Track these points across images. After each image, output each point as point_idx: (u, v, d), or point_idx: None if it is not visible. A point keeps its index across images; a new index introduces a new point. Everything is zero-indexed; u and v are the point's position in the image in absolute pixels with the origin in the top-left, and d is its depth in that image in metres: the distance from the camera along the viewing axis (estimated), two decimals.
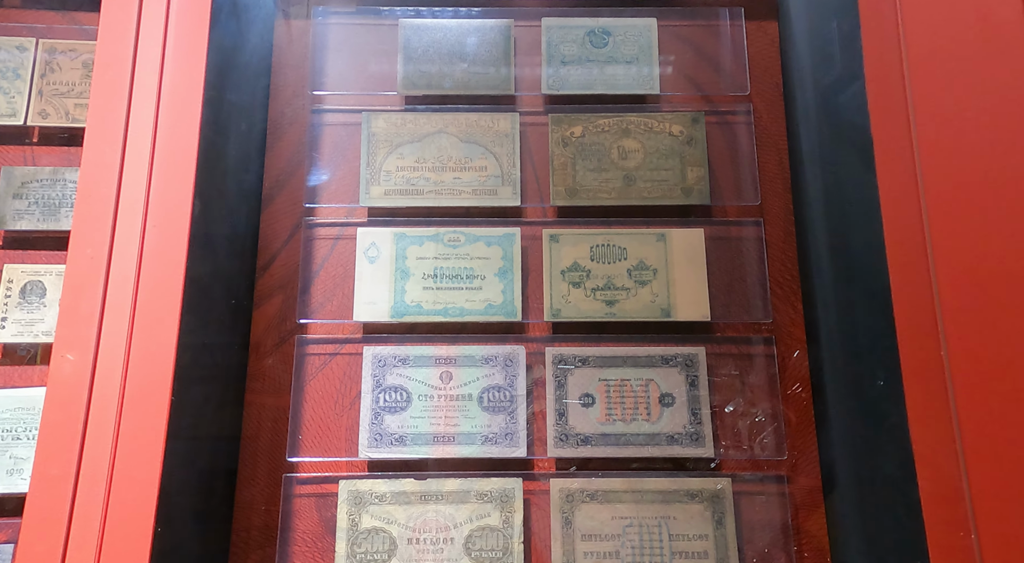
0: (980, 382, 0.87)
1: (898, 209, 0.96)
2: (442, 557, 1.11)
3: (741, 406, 1.19)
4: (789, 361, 1.21)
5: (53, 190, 1.20)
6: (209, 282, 1.02)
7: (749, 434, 1.18)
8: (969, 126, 0.92)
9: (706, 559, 1.11)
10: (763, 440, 1.17)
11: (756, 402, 1.19)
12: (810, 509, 1.15)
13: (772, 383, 1.20)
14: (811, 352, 1.21)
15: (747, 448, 1.17)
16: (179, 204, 0.94)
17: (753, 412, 1.19)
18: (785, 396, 1.19)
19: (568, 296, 1.23)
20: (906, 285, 0.94)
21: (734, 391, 1.20)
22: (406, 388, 1.19)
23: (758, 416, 1.19)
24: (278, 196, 1.28)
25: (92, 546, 0.87)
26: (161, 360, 0.89)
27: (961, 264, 0.90)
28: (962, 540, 0.85)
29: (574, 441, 1.16)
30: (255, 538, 1.13)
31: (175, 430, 0.92)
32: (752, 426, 1.18)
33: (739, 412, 1.19)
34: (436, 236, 1.26)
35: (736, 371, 1.21)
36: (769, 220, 1.27)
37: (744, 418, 1.19)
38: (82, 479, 0.89)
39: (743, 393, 1.20)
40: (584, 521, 1.13)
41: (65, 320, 0.89)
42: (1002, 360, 0.87)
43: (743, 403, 1.19)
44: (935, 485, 0.87)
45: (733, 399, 1.19)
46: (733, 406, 1.19)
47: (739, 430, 1.18)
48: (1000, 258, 0.89)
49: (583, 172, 1.29)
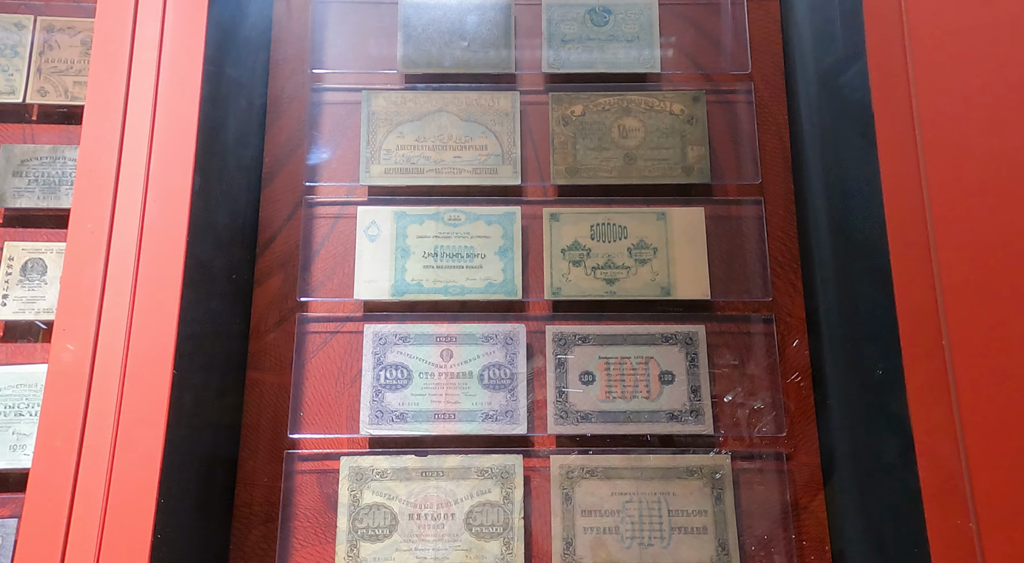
0: (979, 357, 0.87)
1: (900, 188, 0.96)
2: (443, 532, 1.12)
3: (740, 384, 1.20)
4: (788, 340, 1.22)
5: (53, 168, 1.20)
6: (210, 257, 1.02)
7: (748, 411, 1.18)
8: (972, 105, 0.92)
9: (705, 534, 1.12)
10: (762, 417, 1.18)
11: (755, 380, 1.20)
12: (808, 485, 1.16)
13: (771, 361, 1.20)
14: (810, 331, 1.22)
15: (746, 425, 1.18)
16: (179, 179, 0.94)
17: (752, 390, 1.19)
18: (784, 374, 1.20)
19: (568, 274, 1.23)
20: (907, 264, 0.94)
21: (734, 369, 1.20)
22: (407, 366, 1.19)
23: (757, 393, 1.19)
24: (278, 175, 1.28)
25: (95, 520, 0.88)
26: (163, 334, 0.89)
27: (962, 242, 0.90)
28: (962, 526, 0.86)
29: (574, 418, 1.17)
30: (257, 514, 1.14)
31: (177, 405, 0.92)
32: (751, 403, 1.19)
33: (738, 390, 1.19)
34: (436, 215, 1.26)
35: (736, 349, 1.21)
36: (769, 199, 1.27)
37: (743, 395, 1.19)
38: (85, 453, 0.89)
39: (742, 371, 1.20)
40: (584, 497, 1.14)
41: (67, 294, 0.89)
42: (1002, 334, 0.88)
43: (742, 381, 1.20)
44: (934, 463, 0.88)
45: (732, 377, 1.20)
46: (732, 384, 1.20)
47: (738, 408, 1.19)
48: (1002, 237, 0.89)
49: (583, 151, 1.28)
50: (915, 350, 0.91)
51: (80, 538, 0.87)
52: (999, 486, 0.85)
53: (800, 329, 1.22)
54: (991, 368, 0.88)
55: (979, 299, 0.88)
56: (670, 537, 1.12)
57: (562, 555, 1.11)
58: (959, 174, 0.92)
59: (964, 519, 0.85)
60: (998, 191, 0.90)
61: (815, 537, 1.14)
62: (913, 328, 0.92)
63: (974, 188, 0.91)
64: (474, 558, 1.11)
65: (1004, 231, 0.89)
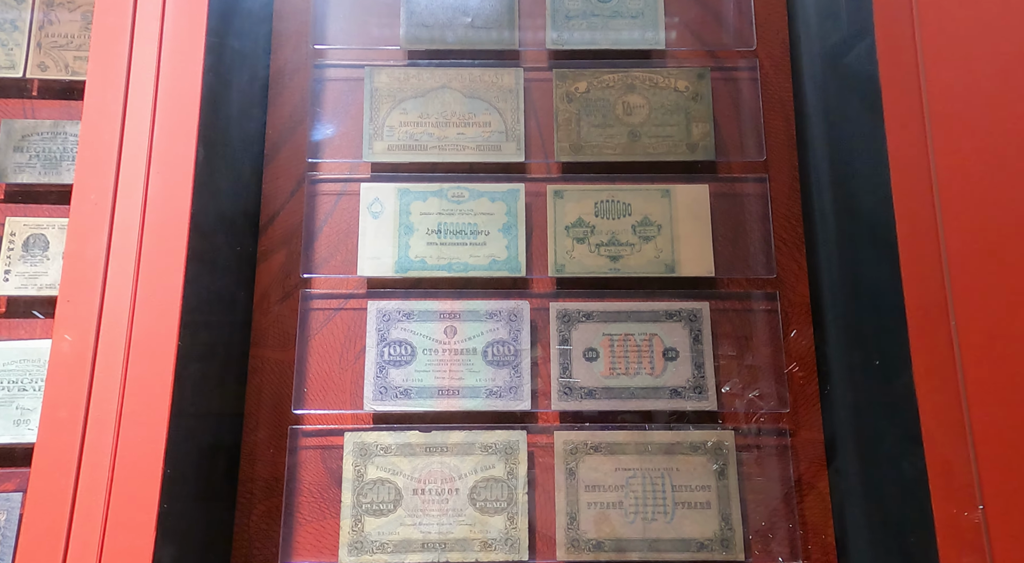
0: (986, 333, 0.87)
1: (907, 166, 0.95)
2: (447, 507, 1.12)
3: (744, 361, 1.20)
4: (792, 318, 1.22)
5: (54, 143, 1.19)
6: (213, 230, 1.02)
7: (751, 388, 1.19)
8: (982, 81, 0.92)
9: (708, 509, 1.12)
10: (766, 394, 1.18)
11: (759, 356, 1.20)
12: (812, 461, 1.16)
13: (775, 338, 1.20)
14: (814, 308, 1.22)
15: (750, 402, 1.18)
16: (182, 151, 0.93)
17: (755, 366, 1.19)
18: (788, 351, 1.20)
19: (572, 252, 1.23)
20: (913, 240, 0.94)
21: (737, 346, 1.20)
22: (410, 342, 1.19)
23: (760, 370, 1.19)
24: (281, 151, 1.27)
25: (101, 493, 0.88)
26: (167, 306, 0.89)
27: (970, 219, 0.90)
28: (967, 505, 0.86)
29: (578, 394, 1.17)
30: (261, 489, 1.14)
31: (182, 379, 0.92)
32: (755, 380, 1.19)
33: (742, 367, 1.20)
34: (440, 192, 1.25)
35: (739, 326, 1.21)
36: (774, 176, 1.27)
37: (746, 372, 1.19)
38: (90, 426, 0.89)
39: (746, 348, 1.20)
40: (588, 473, 1.14)
41: (70, 267, 0.89)
42: (1010, 311, 0.88)
43: (746, 358, 1.20)
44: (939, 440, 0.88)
45: (736, 354, 1.20)
46: (736, 361, 1.20)
47: (742, 384, 1.19)
48: (1010, 215, 0.88)
49: (587, 128, 1.28)
50: (921, 328, 0.91)
51: (86, 511, 0.87)
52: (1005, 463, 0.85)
53: (803, 308, 1.22)
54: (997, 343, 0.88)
55: (986, 276, 0.88)
56: (673, 512, 1.12)
57: (566, 530, 1.11)
58: (967, 150, 0.92)
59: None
60: (1007, 169, 0.90)
61: (818, 512, 1.14)
62: (919, 306, 0.92)
63: (982, 164, 0.91)
64: (478, 533, 1.11)
65: (1013, 209, 0.89)
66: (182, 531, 0.94)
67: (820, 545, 1.13)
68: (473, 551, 1.10)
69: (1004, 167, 0.90)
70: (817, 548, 1.13)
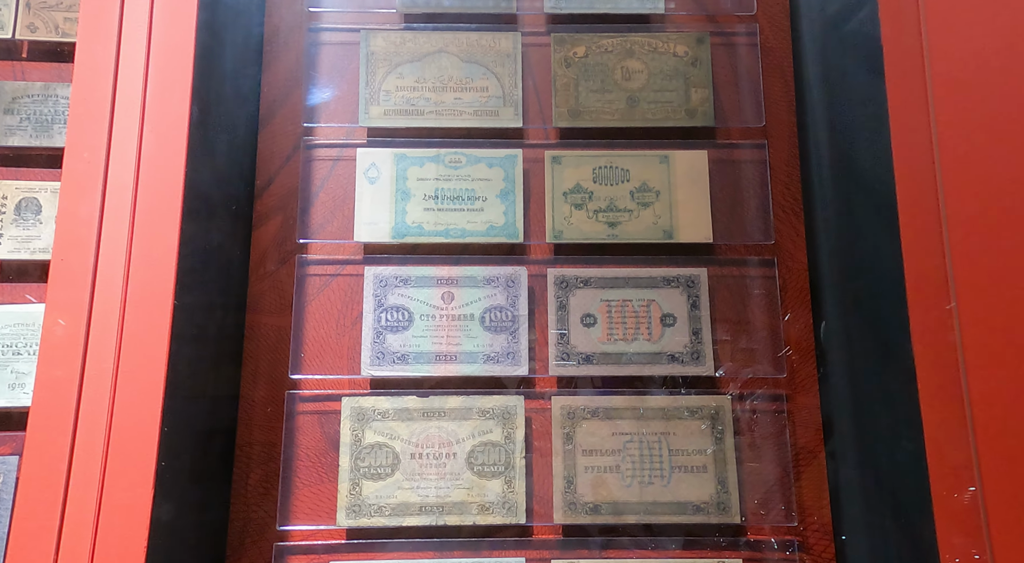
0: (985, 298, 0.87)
1: (908, 132, 0.95)
2: (445, 471, 1.12)
3: (741, 327, 1.20)
4: (790, 283, 1.22)
5: (45, 106, 1.17)
6: (209, 189, 1.00)
7: (749, 353, 1.19)
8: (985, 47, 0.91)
9: (705, 473, 1.13)
10: (763, 359, 1.18)
11: (756, 322, 1.20)
12: (807, 426, 1.17)
13: (772, 304, 1.20)
14: (812, 274, 1.21)
15: (747, 367, 1.18)
16: (176, 109, 0.92)
17: (753, 332, 1.20)
18: (785, 317, 1.20)
19: (570, 218, 1.22)
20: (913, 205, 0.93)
21: (735, 312, 1.20)
22: (408, 308, 1.18)
23: (758, 336, 1.19)
24: (276, 116, 1.26)
25: (97, 456, 0.87)
26: (163, 263, 0.88)
27: (971, 185, 0.90)
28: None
29: (576, 360, 1.17)
30: (259, 453, 1.14)
31: (178, 341, 0.92)
32: (752, 346, 1.19)
33: (740, 332, 1.20)
34: (437, 157, 1.24)
35: (737, 292, 1.21)
36: (773, 142, 1.26)
37: (744, 338, 1.19)
38: (86, 389, 0.89)
39: (744, 314, 1.20)
40: (585, 437, 1.14)
41: (64, 225, 0.88)
42: (1009, 278, 0.88)
43: (743, 323, 1.20)
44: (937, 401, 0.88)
45: (734, 320, 1.20)
46: (734, 326, 1.20)
47: (739, 350, 1.19)
48: (1012, 180, 0.88)
49: (586, 93, 1.27)
50: (920, 293, 0.91)
51: (82, 473, 0.87)
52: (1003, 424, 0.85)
53: (801, 274, 1.22)
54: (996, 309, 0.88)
55: (987, 242, 0.88)
56: (670, 476, 1.13)
57: (563, 493, 1.12)
58: (969, 118, 0.91)
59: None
60: (1009, 135, 0.90)
61: (814, 476, 1.15)
62: (919, 270, 0.92)
63: (984, 129, 0.90)
64: (476, 496, 1.11)
65: (1015, 176, 0.88)
66: (180, 491, 0.94)
67: (816, 508, 1.14)
68: (471, 514, 1.11)
69: (1006, 134, 0.90)
70: (813, 511, 1.13)
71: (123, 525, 0.84)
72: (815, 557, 1.12)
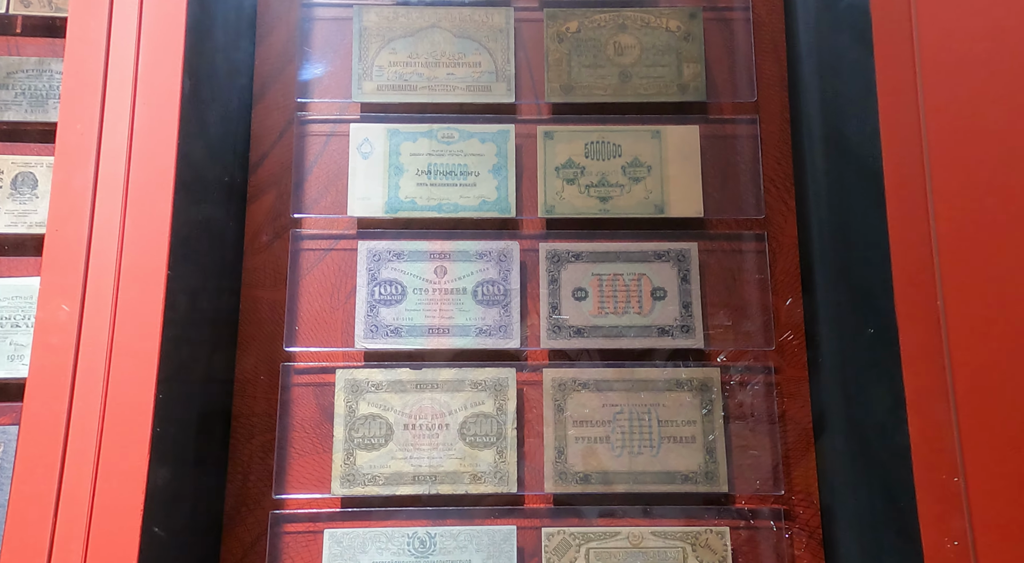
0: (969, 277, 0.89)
1: (896, 108, 0.95)
2: (437, 442, 1.14)
3: (731, 300, 1.21)
4: (780, 258, 1.23)
5: (40, 81, 1.18)
6: (202, 160, 1.01)
7: (738, 326, 1.20)
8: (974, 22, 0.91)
9: (693, 443, 1.14)
10: (752, 332, 1.20)
11: (746, 296, 1.21)
12: (795, 397, 1.18)
13: (763, 278, 1.21)
14: (802, 248, 1.22)
15: (736, 340, 1.20)
16: (168, 80, 0.93)
17: (743, 305, 1.21)
18: (775, 291, 1.21)
19: (562, 192, 1.23)
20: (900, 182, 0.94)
21: (725, 286, 1.22)
22: (401, 282, 1.20)
23: (747, 309, 1.21)
24: (269, 91, 1.27)
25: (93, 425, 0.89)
26: (156, 235, 0.89)
27: (958, 161, 0.91)
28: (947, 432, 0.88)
29: (567, 333, 1.19)
30: (255, 425, 1.16)
31: (172, 313, 0.93)
32: (742, 318, 1.20)
33: (730, 305, 1.21)
34: (430, 132, 1.25)
35: (728, 266, 1.22)
36: (765, 117, 1.27)
37: (734, 311, 1.21)
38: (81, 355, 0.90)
39: (734, 287, 1.22)
40: (576, 408, 1.16)
41: (58, 197, 0.89)
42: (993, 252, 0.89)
43: (733, 297, 1.21)
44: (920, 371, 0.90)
45: (723, 293, 1.21)
46: (724, 300, 1.21)
47: (729, 322, 1.20)
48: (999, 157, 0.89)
49: (578, 68, 1.27)
50: (906, 267, 0.92)
51: (79, 443, 0.89)
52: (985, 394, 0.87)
53: (791, 249, 1.23)
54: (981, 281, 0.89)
55: (974, 218, 0.90)
56: (659, 446, 1.14)
57: (554, 463, 1.14)
58: (958, 94, 0.92)
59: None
60: (997, 111, 0.91)
61: (801, 446, 1.17)
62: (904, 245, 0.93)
63: (973, 108, 0.91)
64: (468, 466, 1.13)
65: (1002, 152, 0.89)
66: (175, 458, 0.96)
67: (802, 478, 1.15)
68: (463, 484, 1.13)
69: (993, 109, 0.91)
70: (799, 481, 1.15)
71: (120, 491, 0.86)
72: (801, 525, 1.14)
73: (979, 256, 0.89)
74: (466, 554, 1.10)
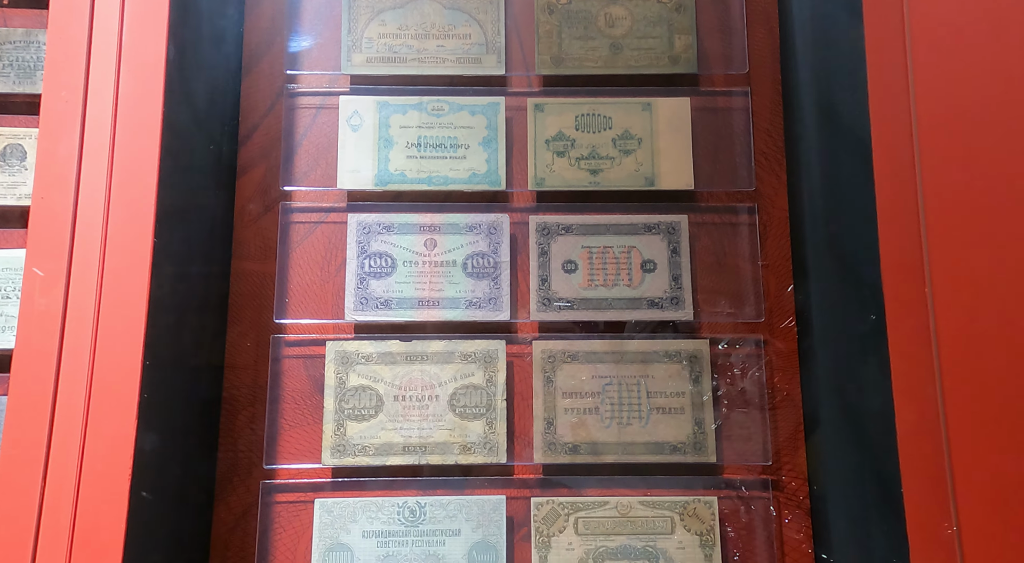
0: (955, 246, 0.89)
1: (886, 78, 0.95)
2: (427, 413, 1.15)
3: (721, 273, 1.21)
4: (770, 231, 1.23)
5: (27, 52, 1.18)
6: (188, 129, 1.01)
7: (728, 298, 1.20)
8: None
9: (682, 414, 1.15)
10: (741, 304, 1.20)
11: (736, 268, 1.21)
12: (784, 369, 1.18)
13: (752, 250, 1.21)
14: (793, 221, 1.22)
15: (725, 312, 1.20)
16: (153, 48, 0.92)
17: (733, 278, 1.21)
18: (765, 263, 1.21)
19: (552, 165, 1.23)
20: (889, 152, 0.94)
21: (715, 258, 1.22)
22: (391, 254, 1.20)
23: (737, 281, 1.21)
24: (259, 64, 1.26)
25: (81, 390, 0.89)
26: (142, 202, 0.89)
27: (947, 130, 0.91)
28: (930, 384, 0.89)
29: (556, 305, 1.19)
30: (245, 396, 1.16)
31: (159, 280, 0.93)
32: (731, 290, 1.20)
33: (720, 277, 1.21)
34: (419, 105, 1.24)
35: (718, 238, 1.22)
36: (756, 89, 1.26)
37: (724, 283, 1.21)
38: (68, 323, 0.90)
39: (723, 260, 1.22)
40: (565, 380, 1.16)
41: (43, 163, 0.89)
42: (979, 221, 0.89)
43: (723, 269, 1.21)
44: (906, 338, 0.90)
45: (713, 266, 1.21)
46: (713, 273, 1.21)
47: (719, 295, 1.20)
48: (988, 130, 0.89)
49: (569, 40, 1.26)
50: (893, 241, 0.92)
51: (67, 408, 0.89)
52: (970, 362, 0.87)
53: (782, 221, 1.23)
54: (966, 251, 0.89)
55: (960, 184, 0.89)
56: (648, 417, 1.15)
57: (543, 434, 1.14)
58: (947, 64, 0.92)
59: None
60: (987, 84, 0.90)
61: (790, 418, 1.17)
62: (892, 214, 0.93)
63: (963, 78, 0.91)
64: (458, 437, 1.14)
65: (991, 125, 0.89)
66: (164, 430, 0.97)
67: (791, 449, 1.16)
68: (453, 454, 1.13)
69: (984, 81, 0.91)
70: (788, 452, 1.16)
71: (108, 455, 0.86)
72: (788, 496, 1.15)
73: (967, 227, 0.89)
74: (456, 523, 1.11)
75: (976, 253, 0.89)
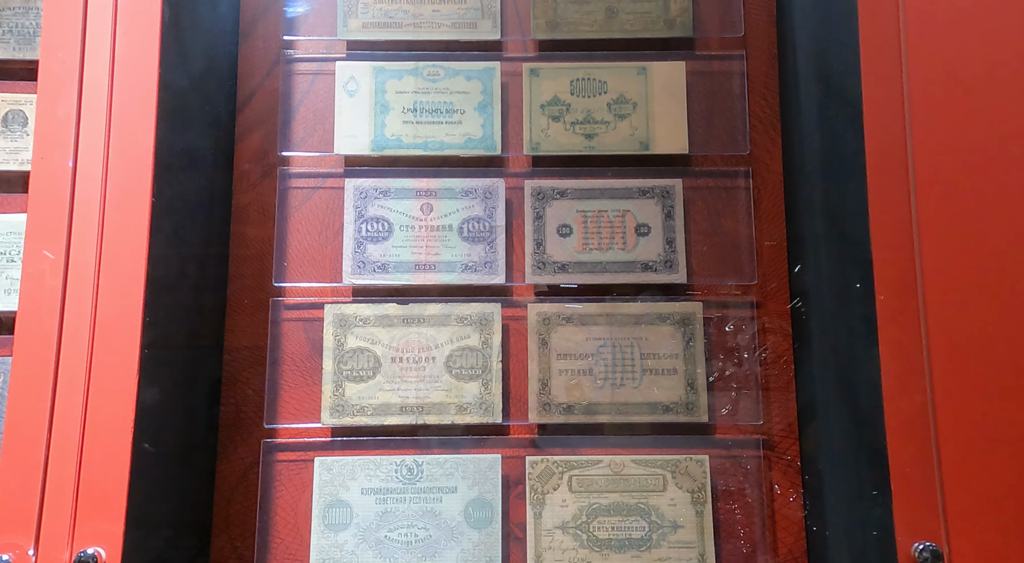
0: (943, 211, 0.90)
1: (877, 42, 0.96)
2: (424, 374, 1.17)
3: (715, 236, 1.22)
4: (764, 194, 1.23)
5: (27, 18, 1.19)
6: (185, 91, 1.02)
7: (722, 261, 1.21)
8: None
9: (675, 375, 1.16)
10: (735, 267, 1.21)
11: (730, 232, 1.22)
12: (777, 332, 1.20)
13: (747, 214, 1.22)
14: (787, 184, 1.23)
15: (718, 274, 1.21)
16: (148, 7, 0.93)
17: (726, 241, 1.22)
18: (759, 227, 1.22)
19: (548, 130, 1.24)
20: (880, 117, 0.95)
21: (709, 222, 1.22)
22: (387, 219, 1.21)
23: (731, 244, 1.21)
24: (256, 30, 1.27)
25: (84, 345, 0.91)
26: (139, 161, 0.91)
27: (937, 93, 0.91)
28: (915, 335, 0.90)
29: (551, 269, 1.20)
30: (245, 357, 1.19)
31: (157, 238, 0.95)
32: (725, 254, 1.21)
33: (714, 241, 1.22)
34: (415, 70, 1.25)
35: (712, 202, 1.23)
36: (752, 53, 1.26)
37: (718, 246, 1.22)
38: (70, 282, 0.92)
39: (717, 223, 1.22)
40: (560, 342, 1.18)
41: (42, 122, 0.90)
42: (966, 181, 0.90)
43: (717, 233, 1.22)
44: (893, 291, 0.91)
45: (707, 229, 1.22)
46: (707, 236, 1.22)
47: (712, 258, 1.21)
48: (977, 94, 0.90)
49: (564, 5, 1.26)
50: (882, 203, 0.93)
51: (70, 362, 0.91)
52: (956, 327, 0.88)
53: (776, 185, 1.23)
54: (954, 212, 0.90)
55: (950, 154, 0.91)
56: (641, 378, 1.17)
57: (538, 395, 1.16)
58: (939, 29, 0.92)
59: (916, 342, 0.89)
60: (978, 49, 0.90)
61: (782, 379, 1.18)
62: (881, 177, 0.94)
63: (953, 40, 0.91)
64: (454, 397, 1.16)
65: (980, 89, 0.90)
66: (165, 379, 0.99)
67: (782, 409, 1.18)
68: (449, 414, 1.16)
69: (975, 47, 0.91)
70: (779, 412, 1.18)
71: (111, 407, 0.89)
72: (779, 454, 1.16)
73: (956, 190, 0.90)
74: (452, 481, 1.13)
75: (964, 215, 0.90)
